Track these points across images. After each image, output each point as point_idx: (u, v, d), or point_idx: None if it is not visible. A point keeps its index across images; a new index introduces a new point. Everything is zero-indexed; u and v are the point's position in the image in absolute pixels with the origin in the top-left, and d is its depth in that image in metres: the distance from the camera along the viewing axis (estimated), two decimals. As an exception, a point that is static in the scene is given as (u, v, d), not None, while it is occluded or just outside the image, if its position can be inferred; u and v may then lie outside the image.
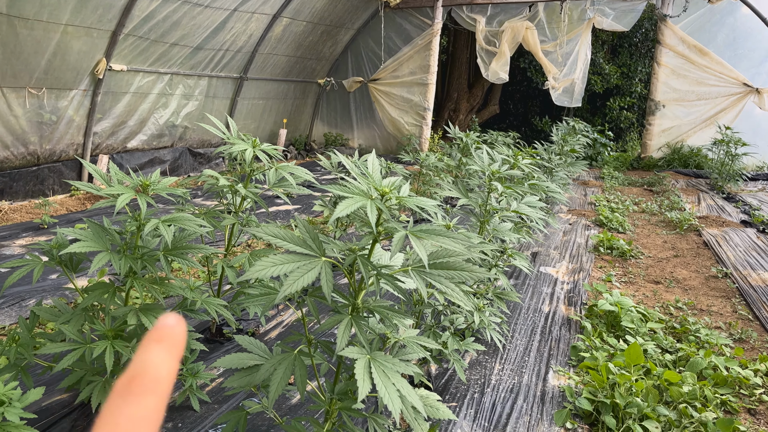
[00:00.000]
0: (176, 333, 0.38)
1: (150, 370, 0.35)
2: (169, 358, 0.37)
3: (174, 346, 0.37)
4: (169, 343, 0.37)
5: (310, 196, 7.43)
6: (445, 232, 1.61)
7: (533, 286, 4.55)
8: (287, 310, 3.75)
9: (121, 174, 2.31)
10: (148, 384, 0.35)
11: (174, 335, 0.38)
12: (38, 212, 5.86)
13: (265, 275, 1.48)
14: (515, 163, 3.75)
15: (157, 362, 0.36)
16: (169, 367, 0.36)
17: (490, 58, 10.97)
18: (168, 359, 0.36)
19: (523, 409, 2.78)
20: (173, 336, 0.38)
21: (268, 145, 2.75)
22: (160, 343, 0.37)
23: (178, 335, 0.38)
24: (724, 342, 3.53)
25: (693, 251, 5.76)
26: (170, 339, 0.37)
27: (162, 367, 0.36)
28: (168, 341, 0.37)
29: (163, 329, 0.38)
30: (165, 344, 0.37)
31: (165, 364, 0.36)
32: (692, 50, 10.20)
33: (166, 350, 0.37)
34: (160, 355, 0.36)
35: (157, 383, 0.35)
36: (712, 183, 9.55)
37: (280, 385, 1.60)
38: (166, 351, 0.37)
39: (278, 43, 9.55)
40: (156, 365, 0.36)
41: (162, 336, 0.37)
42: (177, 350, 0.37)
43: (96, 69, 6.40)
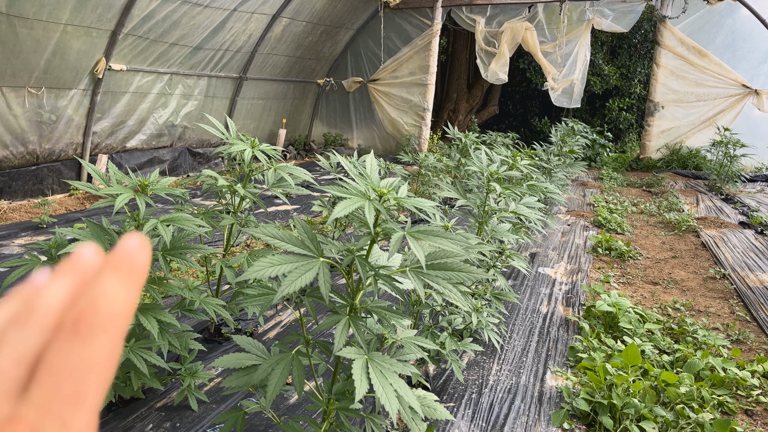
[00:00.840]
0: (137, 259, 0.32)
1: (102, 304, 0.30)
2: (127, 288, 0.31)
3: (134, 274, 0.31)
4: (127, 272, 0.31)
5: (309, 196, 7.44)
6: (443, 233, 1.62)
7: (531, 286, 4.56)
8: (285, 311, 3.75)
9: (120, 174, 2.32)
10: (100, 321, 0.29)
11: (134, 261, 0.32)
12: (37, 212, 5.86)
13: (264, 275, 1.48)
14: (514, 164, 3.75)
15: (111, 294, 0.30)
16: (126, 299, 0.31)
17: (490, 59, 10.98)
18: (124, 290, 0.31)
19: (521, 409, 2.78)
20: (134, 262, 0.32)
21: (267, 146, 2.75)
22: (116, 272, 0.31)
23: (140, 261, 0.32)
24: (721, 343, 3.54)
25: (691, 252, 5.76)
26: (129, 266, 0.31)
27: (117, 300, 0.30)
28: (126, 269, 0.31)
29: (122, 255, 0.32)
30: (122, 273, 0.31)
31: (121, 297, 0.30)
32: (691, 51, 10.22)
33: (123, 280, 0.31)
34: (115, 285, 0.30)
35: (111, 320, 0.30)
36: (710, 184, 9.56)
37: (277, 385, 1.60)
38: (124, 281, 0.31)
39: (278, 43, 9.55)
40: (110, 298, 0.30)
41: (120, 263, 0.31)
42: (137, 280, 0.31)
43: (95, 68, 6.41)
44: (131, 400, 2.62)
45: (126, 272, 0.31)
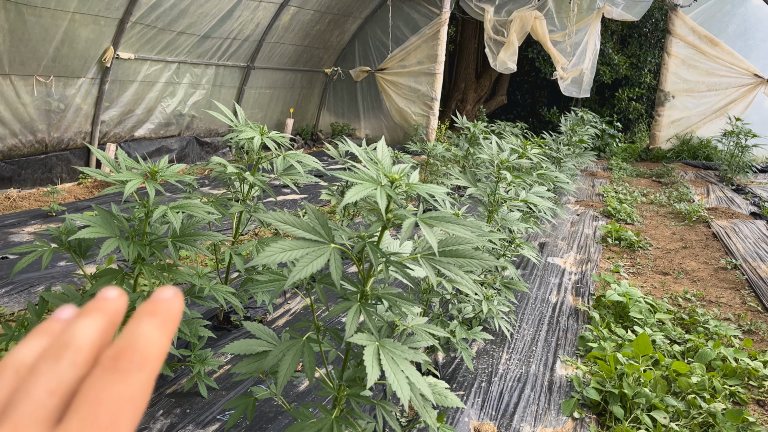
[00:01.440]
0: (172, 307, 0.35)
1: (140, 345, 0.32)
2: (162, 333, 0.34)
3: (168, 321, 0.34)
4: (163, 318, 0.34)
5: (317, 185, 7.42)
6: (455, 219, 1.60)
7: (541, 276, 4.54)
8: (295, 299, 3.75)
9: (129, 160, 2.31)
10: (137, 360, 0.32)
11: (169, 310, 0.35)
12: (46, 200, 5.88)
13: (273, 261, 1.47)
14: (523, 152, 3.72)
15: (148, 337, 0.33)
16: (161, 343, 0.33)
17: (498, 48, 10.90)
18: (160, 335, 0.34)
19: (531, 398, 2.77)
20: (168, 310, 0.35)
21: (275, 133, 2.74)
22: (153, 317, 0.34)
23: (174, 310, 0.35)
24: (733, 333, 3.51)
25: (702, 243, 5.72)
26: (165, 313, 0.35)
27: (153, 343, 0.33)
28: (162, 315, 0.34)
29: (158, 303, 0.35)
30: (158, 318, 0.34)
31: (157, 340, 0.33)
32: (703, 40, 10.10)
33: (159, 325, 0.34)
34: (152, 329, 0.33)
35: (147, 360, 0.32)
36: (721, 174, 9.48)
37: (288, 371, 1.59)
38: (159, 326, 0.34)
39: (285, 32, 9.51)
40: (147, 340, 0.33)
41: (156, 309, 0.34)
42: (171, 326, 0.35)
43: (103, 57, 6.40)
44: (141, 386, 2.63)
45: (162, 319, 0.34)
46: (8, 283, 3.67)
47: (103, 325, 0.34)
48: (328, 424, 1.62)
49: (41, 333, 0.35)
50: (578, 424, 2.59)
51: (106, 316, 0.35)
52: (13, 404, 0.31)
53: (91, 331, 0.34)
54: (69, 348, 0.33)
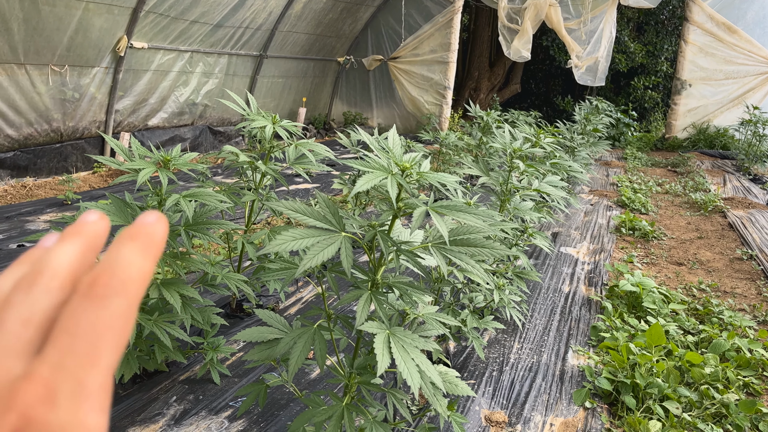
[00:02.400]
0: (155, 231, 0.33)
1: (119, 269, 0.31)
2: (144, 257, 0.32)
3: (150, 244, 0.33)
4: (144, 242, 0.33)
5: (329, 174, 7.43)
6: (466, 208, 1.59)
7: (553, 266, 4.52)
8: (306, 287, 3.77)
9: (143, 149, 2.32)
10: (116, 285, 0.30)
11: (152, 233, 0.33)
12: (62, 188, 5.94)
13: (285, 249, 1.48)
14: (537, 141, 3.69)
15: (128, 261, 0.31)
16: (143, 267, 0.32)
17: (512, 36, 10.80)
18: (142, 259, 0.32)
19: (542, 387, 2.77)
20: (151, 234, 0.33)
21: (288, 122, 2.74)
22: (134, 241, 0.32)
23: (157, 234, 0.33)
24: (747, 324, 3.48)
25: (717, 233, 5.66)
26: (147, 237, 0.33)
27: (134, 267, 0.31)
28: (144, 239, 0.33)
29: (140, 226, 0.33)
30: (140, 242, 0.32)
31: (137, 264, 0.31)
32: (721, 28, 9.94)
33: (140, 249, 0.32)
34: (132, 253, 0.32)
35: (127, 284, 0.30)
36: (738, 164, 9.36)
37: (299, 359, 1.60)
38: (141, 249, 0.32)
39: (298, 21, 9.49)
40: (127, 264, 0.31)
41: (138, 233, 0.33)
42: (154, 250, 0.33)
43: (117, 46, 6.42)
44: (155, 372, 2.66)
45: (143, 242, 0.32)
46: (25, 271, 3.72)
47: (81, 249, 0.33)
48: (339, 411, 1.63)
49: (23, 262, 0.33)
50: (590, 413, 2.59)
51: (84, 240, 0.33)
52: None
53: (67, 255, 0.32)
54: (43, 274, 0.31)
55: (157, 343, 2.41)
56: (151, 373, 2.66)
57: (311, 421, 1.66)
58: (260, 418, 2.38)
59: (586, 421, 2.54)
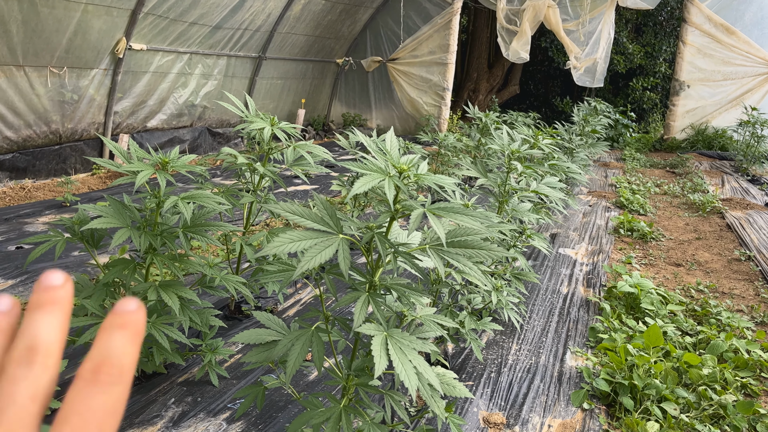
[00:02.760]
0: (137, 320, 0.36)
1: (116, 358, 0.34)
2: (132, 346, 0.35)
3: (136, 333, 0.35)
4: (132, 331, 0.35)
5: (328, 176, 7.43)
6: (463, 210, 1.60)
7: (552, 267, 4.52)
8: (305, 289, 3.77)
9: (141, 152, 2.32)
10: (116, 373, 0.34)
11: (136, 322, 0.36)
12: (60, 190, 5.94)
13: (283, 251, 1.48)
14: (535, 143, 3.70)
15: (122, 350, 0.34)
16: (132, 355, 0.35)
17: (511, 38, 10.81)
18: (132, 348, 0.35)
19: (540, 389, 2.78)
20: (135, 323, 0.36)
21: (286, 124, 2.74)
22: (123, 330, 0.35)
23: (140, 322, 0.36)
24: (745, 325, 3.49)
25: (716, 234, 5.67)
26: (133, 326, 0.35)
27: (127, 356, 0.34)
28: (131, 328, 0.35)
29: (125, 315, 0.35)
30: (128, 331, 0.35)
31: (129, 353, 0.35)
32: (719, 29, 9.96)
33: (129, 338, 0.35)
34: (124, 343, 0.34)
35: (123, 373, 0.34)
36: (736, 165, 9.37)
37: (297, 361, 1.61)
38: (130, 339, 0.35)
39: (297, 22, 9.49)
40: (122, 353, 0.34)
41: (125, 322, 0.35)
42: (139, 338, 0.36)
43: (116, 48, 6.43)
44: (153, 374, 2.66)
45: (131, 331, 0.35)
46: (23, 273, 3.72)
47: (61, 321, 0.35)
48: (337, 412, 1.63)
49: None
50: (588, 415, 2.59)
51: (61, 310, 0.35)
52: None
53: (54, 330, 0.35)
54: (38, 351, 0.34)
55: (156, 345, 2.41)
56: (150, 375, 2.66)
57: (309, 423, 1.66)
58: (258, 420, 2.39)
59: (584, 422, 2.54)
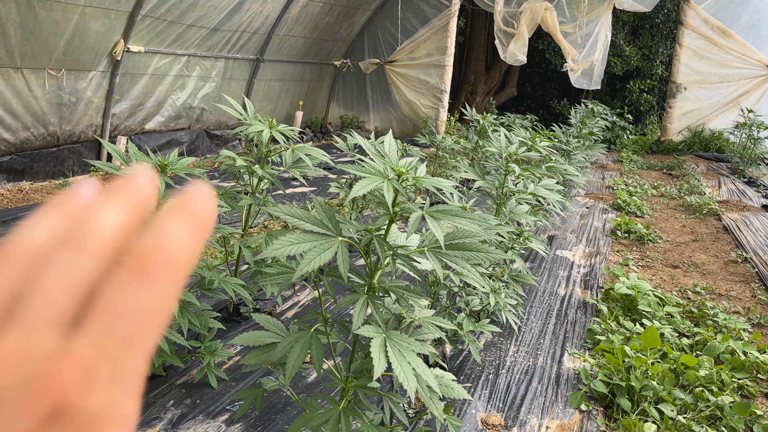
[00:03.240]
0: (207, 211, 0.31)
1: (169, 247, 0.28)
2: (193, 238, 0.29)
3: (201, 225, 0.30)
4: (196, 221, 0.30)
5: (326, 178, 7.44)
6: (461, 213, 1.61)
7: (549, 269, 4.54)
8: (303, 291, 3.78)
9: (139, 153, 2.33)
10: (166, 265, 0.28)
11: (204, 213, 0.30)
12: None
13: (282, 254, 1.49)
14: (533, 145, 3.71)
15: (179, 240, 0.29)
16: (191, 248, 0.29)
17: (508, 40, 10.84)
18: (191, 239, 0.29)
19: (538, 390, 2.78)
20: (204, 214, 0.30)
21: (284, 126, 2.75)
22: (187, 221, 0.30)
23: (209, 217, 0.31)
24: (742, 326, 3.50)
25: (712, 236, 5.69)
26: (199, 217, 0.30)
27: (183, 247, 0.29)
28: (196, 218, 0.30)
29: (194, 206, 0.30)
30: (191, 221, 0.30)
31: (187, 244, 0.29)
32: (715, 31, 10.00)
33: (191, 229, 0.29)
34: (183, 232, 0.29)
35: (176, 265, 0.28)
36: (733, 167, 9.40)
37: (296, 363, 1.61)
38: (192, 230, 0.29)
39: (295, 25, 9.51)
40: (178, 243, 0.29)
41: (191, 215, 0.30)
42: (204, 231, 0.30)
43: (114, 50, 6.43)
44: (152, 376, 2.66)
45: (195, 222, 0.30)
46: (21, 275, 3.72)
47: (130, 214, 0.29)
48: (336, 414, 1.64)
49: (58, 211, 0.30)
50: (585, 416, 2.60)
51: (134, 205, 0.30)
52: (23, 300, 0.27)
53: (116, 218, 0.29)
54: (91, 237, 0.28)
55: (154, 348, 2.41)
56: (148, 377, 2.66)
57: (308, 424, 1.66)
58: (257, 422, 2.39)
59: (582, 423, 2.55)
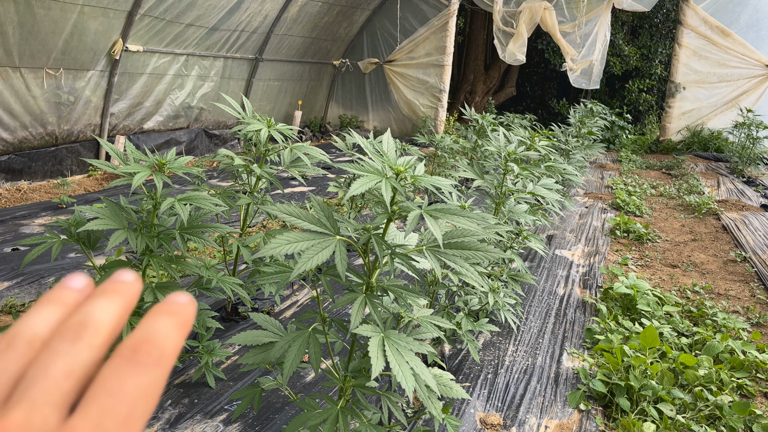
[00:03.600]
0: (187, 311, 0.35)
1: (159, 340, 0.32)
2: (178, 332, 0.34)
3: (184, 322, 0.34)
4: (180, 319, 0.34)
5: (325, 177, 7.43)
6: (460, 211, 1.60)
7: (548, 268, 4.53)
8: (302, 291, 3.77)
9: (137, 153, 2.32)
10: (156, 355, 0.32)
11: (185, 312, 0.35)
12: (57, 192, 5.93)
13: (280, 253, 1.48)
14: (531, 144, 3.71)
15: (166, 333, 0.33)
16: (177, 342, 0.33)
17: (507, 40, 10.83)
18: (177, 334, 0.33)
19: (537, 390, 2.78)
20: (184, 313, 0.35)
21: (283, 125, 2.74)
22: (171, 316, 0.34)
23: (189, 313, 0.35)
24: (741, 326, 3.50)
25: (711, 235, 5.69)
26: (181, 315, 0.34)
27: (171, 340, 0.33)
28: (179, 316, 0.34)
29: (175, 304, 0.35)
30: (176, 318, 0.34)
31: (173, 338, 0.33)
32: (714, 31, 10.00)
33: (176, 324, 0.34)
34: (170, 327, 0.33)
35: (165, 356, 0.32)
36: (732, 167, 9.40)
37: (294, 362, 1.61)
38: (176, 325, 0.34)
39: (293, 24, 9.50)
40: (165, 336, 0.33)
41: (173, 310, 0.34)
42: (186, 328, 0.34)
43: (112, 50, 6.42)
44: (150, 376, 2.65)
45: (179, 319, 0.34)
46: (19, 275, 3.71)
47: (120, 309, 0.34)
48: (334, 414, 1.63)
49: (53, 302, 0.34)
50: (584, 416, 2.60)
51: (123, 300, 0.34)
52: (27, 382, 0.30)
53: (110, 313, 0.33)
54: (87, 328, 0.32)
55: (152, 347, 2.40)
56: (146, 376, 2.65)
57: (306, 424, 1.66)
58: (255, 422, 2.38)
59: (581, 423, 2.55)
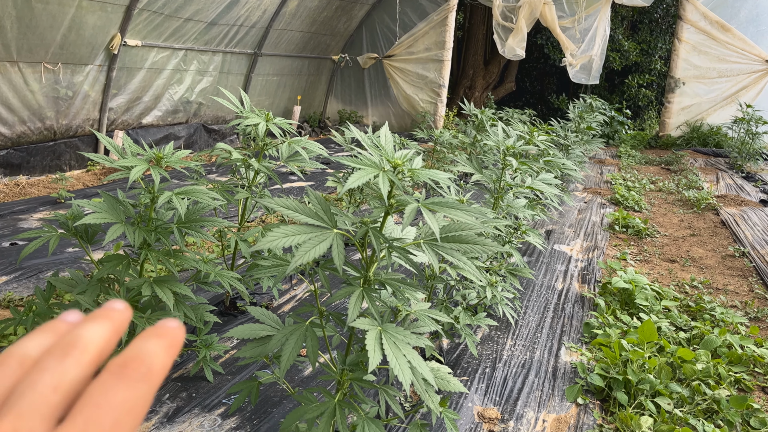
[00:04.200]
0: (176, 335, 0.37)
1: (147, 357, 0.34)
2: (166, 353, 0.36)
3: (173, 345, 0.36)
4: (168, 341, 0.36)
5: (323, 172, 7.43)
6: (458, 205, 1.60)
7: (547, 263, 4.53)
8: (300, 285, 3.77)
9: (135, 147, 2.32)
10: (144, 371, 0.34)
11: (174, 336, 0.37)
12: (55, 187, 5.92)
13: (277, 246, 1.48)
14: (530, 139, 3.70)
15: (154, 352, 0.35)
16: (165, 362, 0.35)
17: (507, 35, 10.81)
18: (165, 354, 0.35)
19: (535, 384, 2.78)
20: (173, 337, 0.37)
21: (281, 119, 2.74)
22: (160, 338, 0.36)
23: (178, 338, 0.37)
24: (739, 320, 3.50)
25: (710, 230, 5.69)
26: (170, 338, 0.37)
27: (159, 359, 0.35)
28: (168, 339, 0.36)
29: (164, 328, 0.37)
30: (165, 340, 0.36)
31: (161, 357, 0.35)
32: (714, 26, 9.98)
33: (165, 345, 0.36)
34: (158, 347, 0.35)
35: (152, 372, 0.34)
36: (731, 162, 9.40)
37: (291, 355, 1.61)
38: (165, 346, 0.36)
39: (292, 19, 9.47)
40: (153, 355, 0.35)
41: (163, 333, 0.36)
42: (174, 350, 0.36)
43: (111, 44, 6.40)
44: (148, 370, 2.65)
45: (168, 341, 0.36)
46: (17, 269, 3.71)
47: (109, 332, 0.36)
48: (331, 407, 1.64)
49: (47, 330, 0.36)
50: (582, 409, 2.60)
51: (112, 325, 0.36)
52: (16, 396, 0.31)
53: (98, 335, 0.35)
54: (76, 347, 0.34)
55: (150, 341, 2.40)
56: (145, 370, 2.65)
57: (303, 417, 1.66)
58: (253, 415, 2.39)
59: (579, 417, 2.55)
